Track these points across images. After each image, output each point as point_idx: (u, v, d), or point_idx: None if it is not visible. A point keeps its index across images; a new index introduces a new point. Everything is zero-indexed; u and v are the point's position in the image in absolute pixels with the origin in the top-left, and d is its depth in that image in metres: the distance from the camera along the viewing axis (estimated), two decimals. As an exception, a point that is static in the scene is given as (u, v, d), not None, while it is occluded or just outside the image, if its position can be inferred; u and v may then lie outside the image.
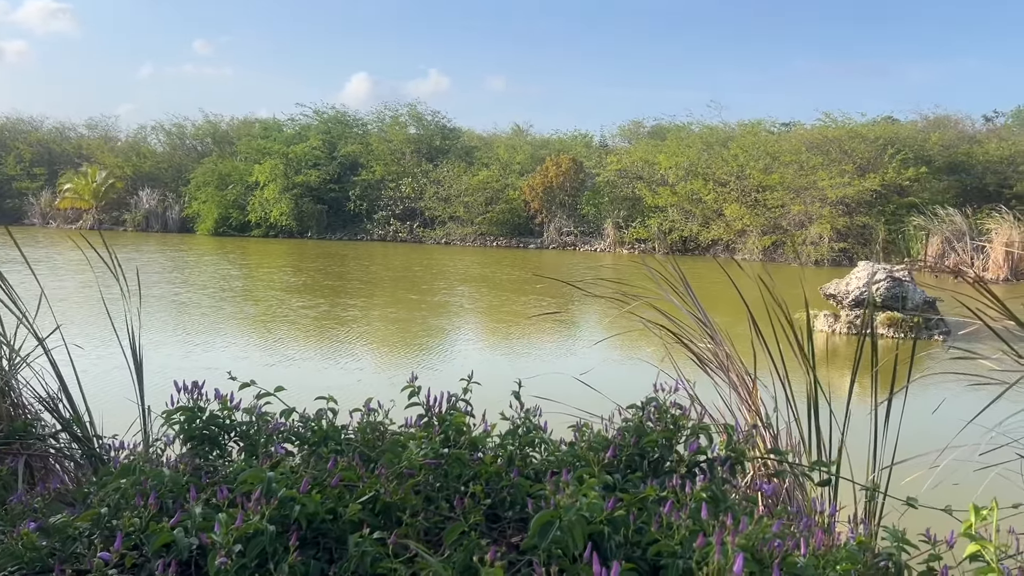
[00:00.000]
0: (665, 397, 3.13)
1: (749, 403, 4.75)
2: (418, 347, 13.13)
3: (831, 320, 17.90)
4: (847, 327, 17.56)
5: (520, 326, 15.37)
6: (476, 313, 17.60)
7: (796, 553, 2.17)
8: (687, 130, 40.83)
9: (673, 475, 2.73)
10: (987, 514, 2.43)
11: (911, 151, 33.88)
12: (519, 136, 47.05)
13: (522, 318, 15.80)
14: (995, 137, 38.94)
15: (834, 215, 32.66)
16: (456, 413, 3.11)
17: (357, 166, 43.45)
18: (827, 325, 17.64)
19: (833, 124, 36.23)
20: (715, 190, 35.77)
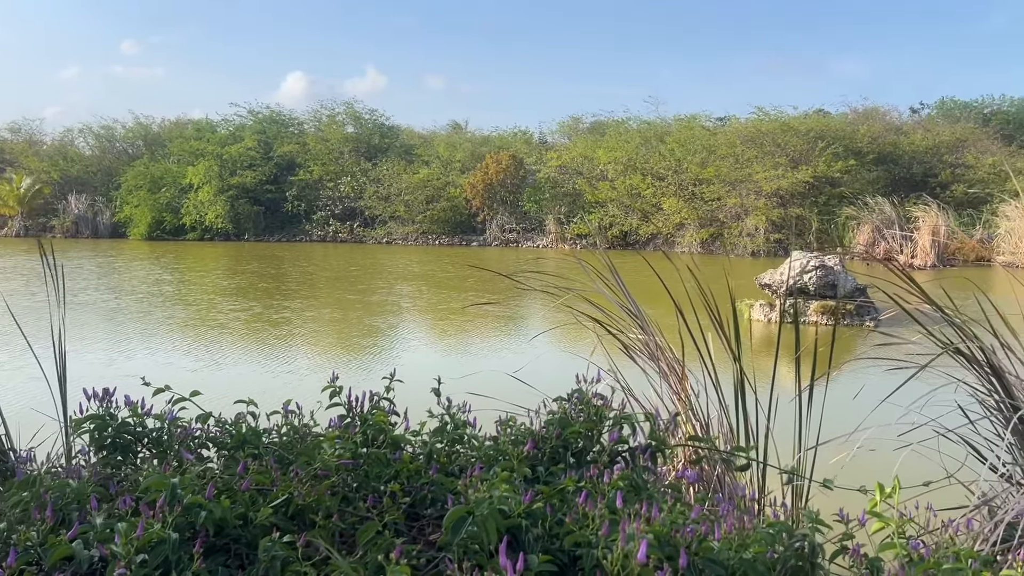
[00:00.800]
0: (588, 388, 3.12)
1: (679, 392, 4.81)
2: (352, 347, 12.95)
3: (767, 309, 18.25)
4: (783, 316, 17.91)
5: (457, 323, 15.32)
6: (413, 311, 17.48)
7: (711, 538, 2.18)
8: (625, 125, 41.26)
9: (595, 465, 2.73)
10: (891, 492, 2.48)
11: (841, 143, 34.82)
12: (459, 134, 46.94)
13: (459, 315, 15.75)
14: (920, 128, 40.29)
15: (769, 207, 33.37)
16: (377, 412, 3.06)
17: (294, 166, 42.78)
18: (763, 314, 17.98)
19: (766, 118, 37.01)
20: (653, 184, 36.21)
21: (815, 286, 17.71)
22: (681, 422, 5.01)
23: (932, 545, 3.23)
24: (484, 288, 19.71)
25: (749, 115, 38.52)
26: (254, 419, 3.18)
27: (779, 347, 4.30)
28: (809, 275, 18.07)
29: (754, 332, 16.41)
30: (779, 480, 4.33)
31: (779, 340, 4.23)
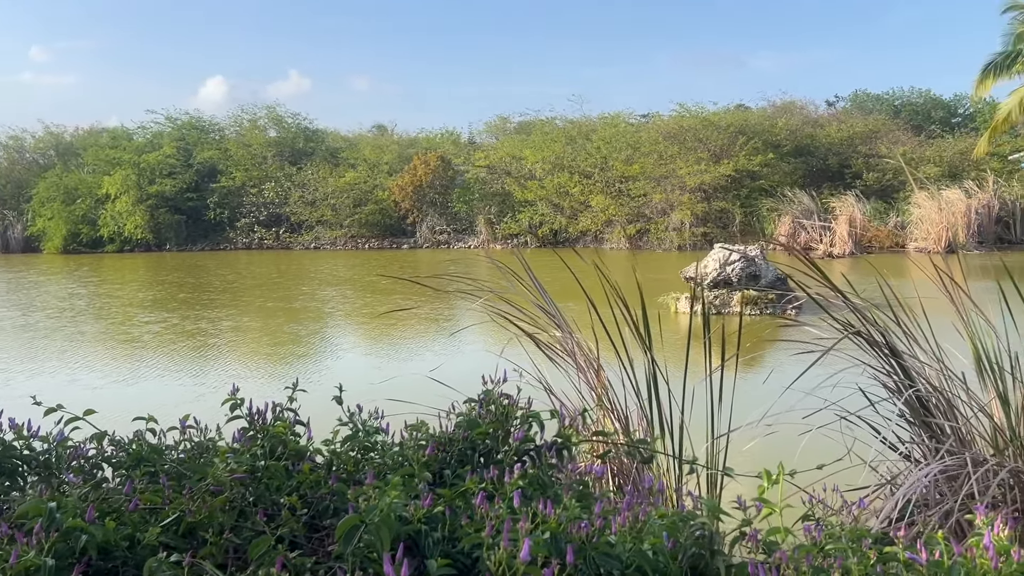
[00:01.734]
0: (494, 388, 3.12)
1: (595, 388, 4.84)
2: (269, 356, 12.66)
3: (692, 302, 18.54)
4: (707, 308, 18.23)
5: (379, 328, 15.16)
6: (335, 317, 17.22)
7: (608, 532, 2.19)
8: (551, 124, 41.54)
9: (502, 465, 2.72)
10: (776, 478, 2.54)
11: (760, 137, 35.74)
12: (386, 136, 46.57)
13: (383, 320, 15.58)
14: (835, 121, 41.62)
15: (693, 201, 34.04)
16: (280, 423, 2.99)
17: (216, 173, 41.78)
18: (688, 307, 18.30)
19: (688, 114, 37.74)
20: (581, 182, 36.57)
21: (738, 277, 18.12)
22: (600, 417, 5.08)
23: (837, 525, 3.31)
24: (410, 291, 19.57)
25: (671, 112, 39.28)
26: (154, 436, 3.08)
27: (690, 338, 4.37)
28: (732, 267, 18.48)
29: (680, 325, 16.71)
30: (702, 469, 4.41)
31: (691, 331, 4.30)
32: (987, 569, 1.82)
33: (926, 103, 50.32)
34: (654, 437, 3.52)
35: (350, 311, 18.01)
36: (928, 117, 47.93)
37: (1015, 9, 19.52)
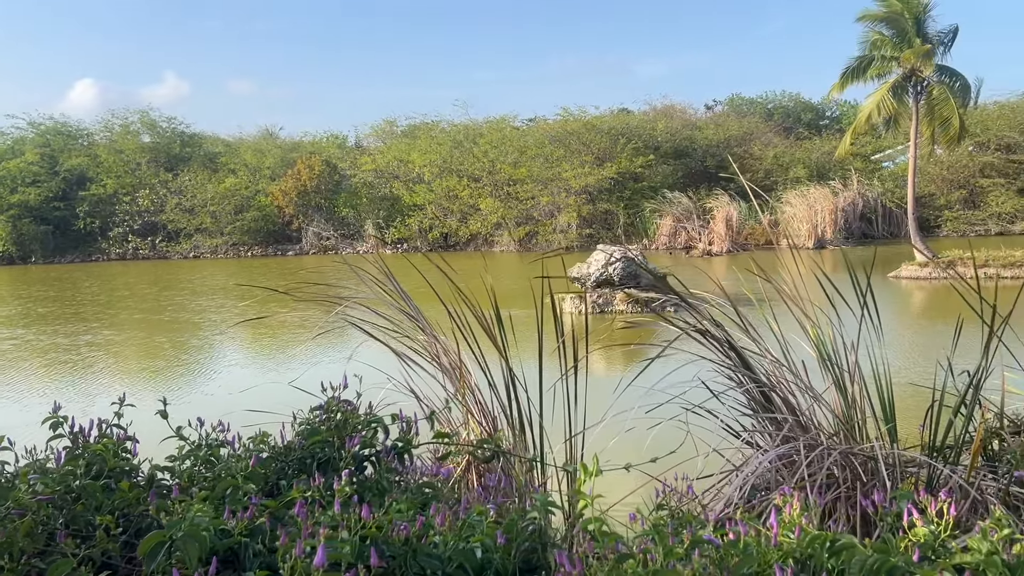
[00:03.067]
0: (334, 395, 3.07)
1: (459, 390, 4.85)
2: (123, 372, 12.00)
3: (577, 302, 18.89)
4: (592, 307, 18.60)
5: (246, 338, 14.71)
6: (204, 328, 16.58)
7: (432, 532, 2.20)
8: (438, 128, 41.46)
9: (335, 473, 2.68)
10: (595, 471, 2.60)
11: (641, 140, 36.77)
12: (268, 140, 45.30)
13: (250, 330, 15.11)
14: (712, 124, 43.29)
15: (579, 203, 34.69)
16: (106, 439, 2.85)
17: (85, 180, 39.62)
18: (574, 307, 18.64)
19: (571, 118, 38.43)
20: (469, 186, 36.67)
21: (619, 277, 18.57)
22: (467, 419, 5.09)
23: (676, 513, 3.41)
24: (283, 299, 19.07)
25: (556, 115, 39.90)
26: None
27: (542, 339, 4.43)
28: (614, 267, 18.93)
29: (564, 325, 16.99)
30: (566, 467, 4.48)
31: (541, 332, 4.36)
32: (787, 545, 1.91)
33: (796, 106, 53.08)
34: (495, 437, 3.55)
35: (216, 322, 17.34)
36: (798, 119, 50.55)
37: (869, 18, 20.81)
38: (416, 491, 2.95)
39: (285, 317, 15.99)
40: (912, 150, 22.83)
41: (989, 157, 33.75)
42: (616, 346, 9.41)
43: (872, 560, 1.80)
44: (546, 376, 4.63)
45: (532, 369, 4.68)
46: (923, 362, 10.05)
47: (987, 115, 36.19)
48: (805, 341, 5.04)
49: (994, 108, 37.37)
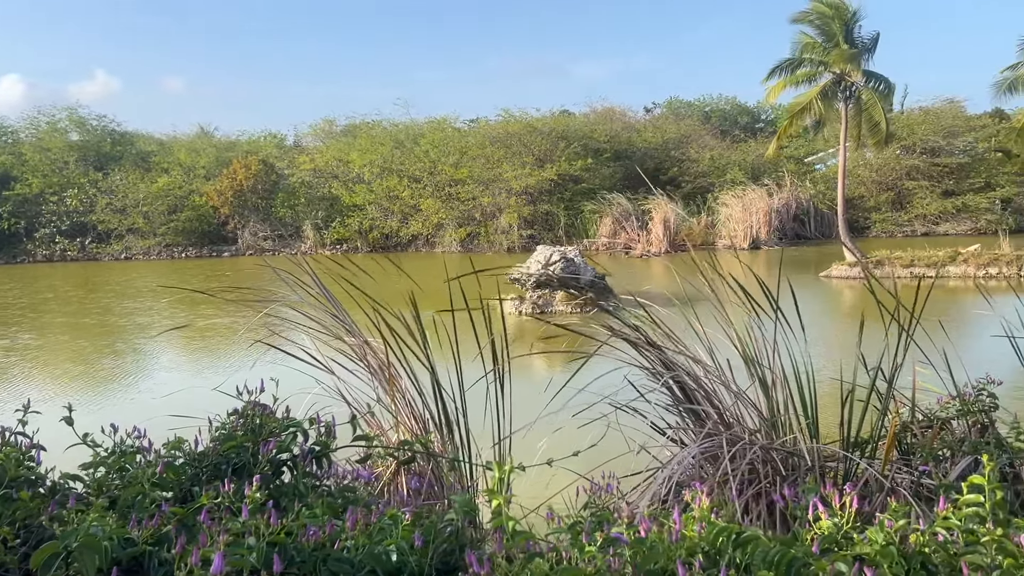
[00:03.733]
0: (249, 399, 3.01)
1: (389, 393, 4.82)
2: (41, 378, 11.50)
3: (517, 303, 18.94)
4: (531, 308, 18.67)
5: (175, 342, 14.34)
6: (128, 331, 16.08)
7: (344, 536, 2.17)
8: (378, 127, 41.10)
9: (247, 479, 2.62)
10: (509, 470, 2.61)
11: (581, 142, 37.05)
12: (203, 138, 44.27)
13: (179, 334, 14.70)
14: (651, 126, 43.89)
15: (520, 204, 34.80)
16: (8, 448, 2.75)
17: (8, 180, 38.16)
18: (514, 308, 18.67)
19: (512, 119, 38.52)
20: (410, 186, 36.45)
21: (559, 277, 18.69)
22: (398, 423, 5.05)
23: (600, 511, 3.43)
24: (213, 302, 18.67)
25: (497, 116, 39.97)
26: None
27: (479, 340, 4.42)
28: (553, 267, 19.03)
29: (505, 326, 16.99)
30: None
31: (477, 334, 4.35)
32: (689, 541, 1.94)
33: (733, 109, 54.15)
34: (416, 440, 3.53)
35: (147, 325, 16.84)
36: (735, 122, 51.60)
37: (801, 21, 21.38)
38: (338, 494, 2.91)
39: (215, 320, 15.65)
40: (842, 153, 23.50)
41: (915, 160, 34.94)
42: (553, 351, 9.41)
43: (774, 552, 1.84)
44: (478, 378, 4.64)
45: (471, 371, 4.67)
46: (850, 359, 10.29)
47: (913, 120, 37.48)
48: (737, 340, 5.15)
49: (919, 113, 38.73)
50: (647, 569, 1.78)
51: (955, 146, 36.47)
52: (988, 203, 33.70)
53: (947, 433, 4.58)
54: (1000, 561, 1.94)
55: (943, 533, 2.01)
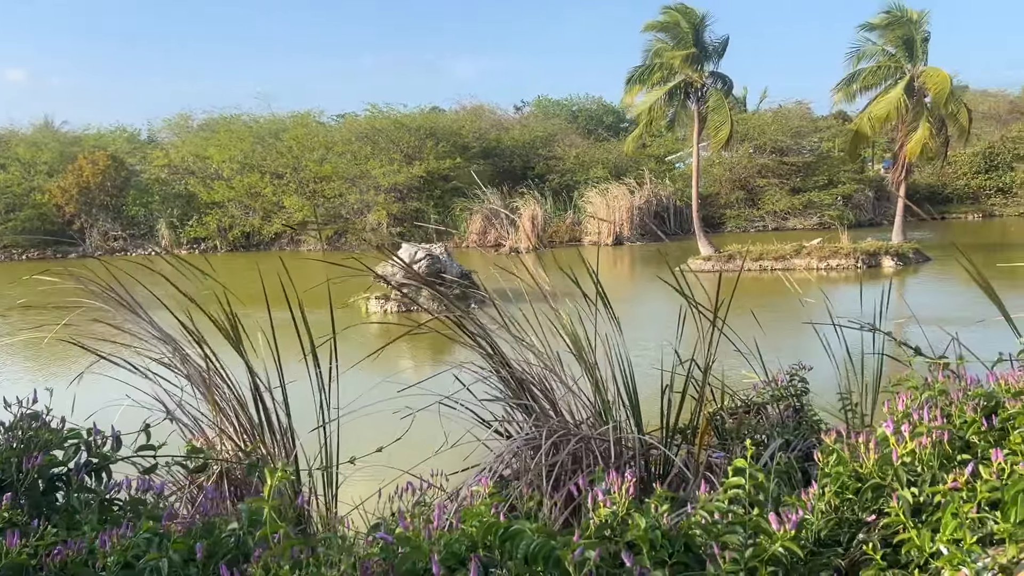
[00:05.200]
0: (21, 410, 2.78)
1: (209, 400, 4.60)
2: None
3: (383, 301, 18.70)
4: (398, 306, 18.48)
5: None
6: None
7: (102, 554, 2.03)
8: (239, 122, 39.52)
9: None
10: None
11: (450, 140, 36.99)
12: (46, 133, 41.25)
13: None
14: (519, 124, 44.35)
15: (388, 202, 34.40)
16: None
17: None
18: (380, 306, 18.43)
19: (380, 115, 37.99)
20: (272, 183, 35.34)
21: (425, 274, 18.55)
22: (219, 431, 4.83)
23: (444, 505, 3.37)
24: (58, 308, 17.38)
25: (363, 112, 39.31)
26: None
27: (311, 339, 4.29)
28: (418, 264, 18.90)
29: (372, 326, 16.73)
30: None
31: (309, 333, 4.21)
32: (452, 536, 1.92)
33: (599, 109, 55.48)
34: (210, 446, 3.38)
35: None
36: (601, 122, 52.89)
37: (653, 28, 22.20)
38: (130, 507, 2.74)
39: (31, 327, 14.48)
40: (695, 152, 24.56)
41: (765, 160, 36.93)
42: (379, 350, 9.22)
43: (535, 544, 1.84)
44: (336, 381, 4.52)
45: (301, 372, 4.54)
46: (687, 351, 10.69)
47: (764, 120, 39.62)
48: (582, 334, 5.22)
49: (770, 114, 40.99)
50: (403, 569, 1.74)
51: (802, 146, 38.84)
52: (831, 199, 36.03)
53: (763, 417, 4.82)
54: (759, 540, 2.02)
55: (704, 516, 2.08)
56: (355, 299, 17.63)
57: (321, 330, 4.61)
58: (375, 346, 5.10)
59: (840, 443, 2.39)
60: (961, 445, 2.48)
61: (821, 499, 2.31)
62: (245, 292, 5.08)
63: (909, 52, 22.68)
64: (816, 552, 2.20)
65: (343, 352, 4.64)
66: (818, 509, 2.30)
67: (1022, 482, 1.86)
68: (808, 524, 2.28)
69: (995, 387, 2.70)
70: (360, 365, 4.87)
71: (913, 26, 22.32)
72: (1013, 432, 2.34)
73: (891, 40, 22.95)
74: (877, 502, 2.19)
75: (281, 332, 4.75)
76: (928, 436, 2.42)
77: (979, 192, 38.66)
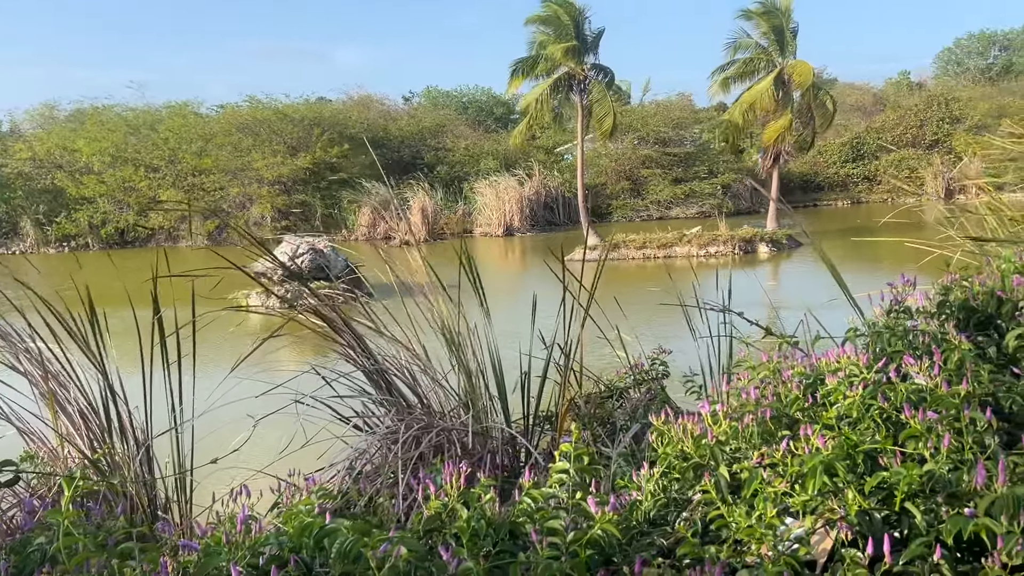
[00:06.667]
0: None
1: (48, 403, 4.33)
2: None
3: (264, 298, 18.15)
4: (279, 302, 17.96)
5: None
6: None
7: None
8: (110, 113, 37.49)
9: None
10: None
11: (336, 130, 36.22)
12: None
13: None
14: (407, 115, 43.91)
15: (273, 194, 33.44)
16: None
17: None
18: (260, 303, 17.88)
19: (260, 106, 36.81)
20: (148, 176, 33.76)
21: (308, 269, 18.13)
22: (63, 439, 4.56)
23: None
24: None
25: (242, 102, 37.98)
26: None
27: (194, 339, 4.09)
28: (301, 259, 18.46)
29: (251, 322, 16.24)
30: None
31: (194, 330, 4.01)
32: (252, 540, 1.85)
33: (489, 101, 55.53)
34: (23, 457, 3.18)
35: None
36: (491, 113, 52.99)
37: (535, 21, 22.40)
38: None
39: None
40: (580, 143, 24.93)
41: (649, 151, 37.89)
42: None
43: (348, 543, 1.79)
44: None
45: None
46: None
47: (647, 112, 40.66)
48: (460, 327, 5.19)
49: (653, 106, 42.10)
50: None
51: (684, 137, 40.05)
52: (712, 189, 37.32)
53: (625, 402, 4.92)
54: (580, 523, 2.03)
55: (528, 502, 2.08)
56: (235, 295, 17.08)
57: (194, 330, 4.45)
58: (251, 344, 4.96)
59: (668, 425, 2.45)
60: (788, 422, 2.59)
61: (650, 480, 2.36)
62: (112, 290, 4.83)
63: (780, 45, 23.72)
64: (645, 532, 2.24)
65: (216, 351, 4.51)
66: (647, 490, 2.35)
67: (819, 455, 1.94)
68: (638, 505, 2.33)
69: (820, 365, 2.82)
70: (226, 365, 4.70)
71: (783, 16, 23.36)
72: (831, 408, 2.45)
73: (764, 32, 23.96)
74: (700, 481, 2.25)
75: (147, 332, 4.53)
76: (753, 415, 2.51)
77: (847, 180, 40.83)
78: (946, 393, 2.22)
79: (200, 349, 5.16)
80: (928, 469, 1.96)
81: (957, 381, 2.35)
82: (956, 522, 1.74)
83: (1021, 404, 2.37)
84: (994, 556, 1.69)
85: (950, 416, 2.12)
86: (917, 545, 1.81)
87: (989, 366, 2.51)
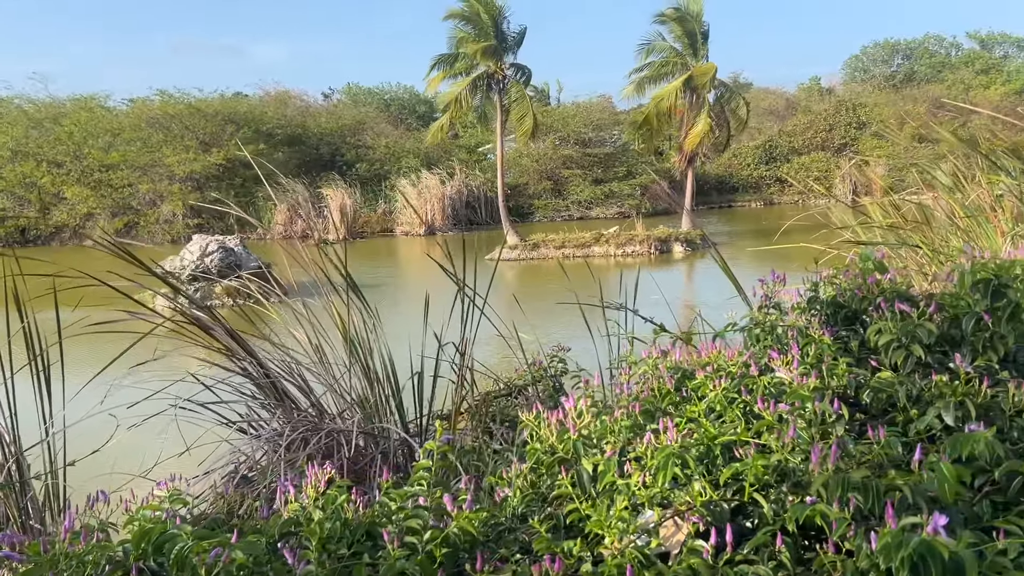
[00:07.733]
0: None
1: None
2: None
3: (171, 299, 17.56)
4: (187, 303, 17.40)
5: None
6: None
7: None
8: (9, 105, 35.73)
9: None
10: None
11: (251, 126, 35.37)
12: None
13: None
14: (327, 112, 43.18)
15: (184, 191, 32.42)
16: None
17: None
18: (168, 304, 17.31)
19: (171, 100, 35.65)
20: (51, 172, 32.29)
21: (217, 268, 17.63)
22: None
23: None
24: None
25: (153, 96, 36.70)
26: None
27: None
28: (211, 258, 17.96)
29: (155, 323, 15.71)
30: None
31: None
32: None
33: (411, 99, 55.09)
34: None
35: None
36: (413, 111, 52.56)
37: (454, 17, 22.29)
38: None
39: None
40: (499, 143, 24.95)
41: (569, 151, 38.23)
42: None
43: (185, 549, 1.72)
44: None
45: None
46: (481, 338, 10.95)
47: (567, 113, 41.01)
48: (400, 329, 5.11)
49: (573, 107, 42.48)
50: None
51: (603, 138, 40.53)
52: (630, 189, 37.88)
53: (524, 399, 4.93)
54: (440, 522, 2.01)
55: (387, 502, 2.05)
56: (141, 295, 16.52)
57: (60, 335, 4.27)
58: (153, 346, 4.80)
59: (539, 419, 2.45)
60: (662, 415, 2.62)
61: (520, 476, 2.36)
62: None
63: (693, 48, 24.25)
64: (513, 528, 2.24)
65: (116, 355, 4.37)
66: (516, 486, 2.34)
67: (668, 449, 1.97)
68: (508, 501, 2.32)
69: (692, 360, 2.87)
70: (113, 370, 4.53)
71: (694, 21, 23.89)
72: (699, 402, 2.49)
73: (678, 36, 24.46)
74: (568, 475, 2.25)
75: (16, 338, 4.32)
76: (625, 408, 2.53)
77: (761, 182, 42.04)
78: (799, 386, 2.28)
79: (91, 354, 4.99)
80: (777, 459, 2.01)
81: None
82: (796, 509, 1.79)
83: (874, 396, 2.45)
84: (829, 541, 1.74)
85: (800, 408, 2.18)
86: (763, 534, 1.85)
87: (848, 359, 2.60)
